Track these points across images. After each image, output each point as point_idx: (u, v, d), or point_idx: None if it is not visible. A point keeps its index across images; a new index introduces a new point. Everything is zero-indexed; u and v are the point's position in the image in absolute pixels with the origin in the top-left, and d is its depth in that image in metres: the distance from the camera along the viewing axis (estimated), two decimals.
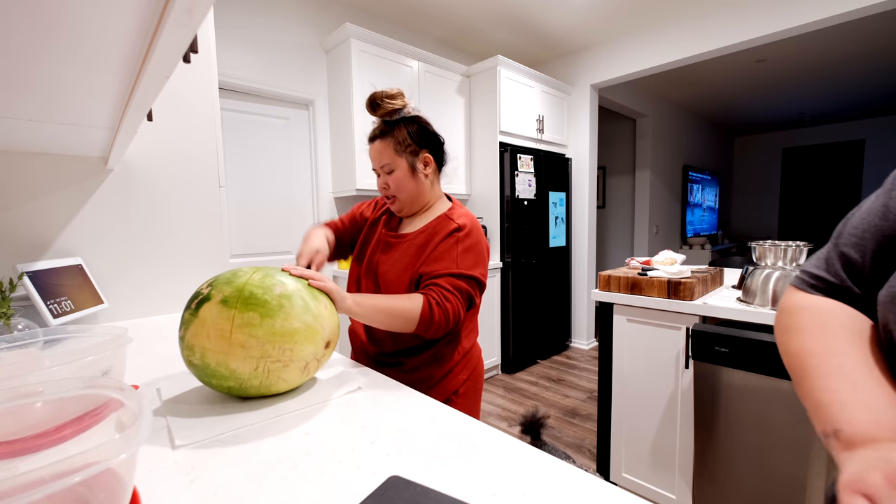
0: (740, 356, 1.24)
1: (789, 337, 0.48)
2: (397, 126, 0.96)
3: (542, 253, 3.45)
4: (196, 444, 0.57)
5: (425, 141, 0.98)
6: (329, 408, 0.68)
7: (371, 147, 0.98)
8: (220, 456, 0.54)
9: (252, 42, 2.38)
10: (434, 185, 1.03)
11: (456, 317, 0.87)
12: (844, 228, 0.50)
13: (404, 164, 0.96)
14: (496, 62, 3.02)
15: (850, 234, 0.48)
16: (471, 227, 0.96)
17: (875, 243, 0.45)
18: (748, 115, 6.08)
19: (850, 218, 0.50)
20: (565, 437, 2.28)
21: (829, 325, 0.45)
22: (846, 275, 0.48)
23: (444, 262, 0.90)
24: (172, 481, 0.49)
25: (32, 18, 0.42)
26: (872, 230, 0.45)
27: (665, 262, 1.70)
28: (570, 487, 0.47)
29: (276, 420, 0.64)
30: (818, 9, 2.46)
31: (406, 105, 0.96)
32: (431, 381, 0.96)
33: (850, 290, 0.47)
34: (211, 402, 0.70)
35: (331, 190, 2.76)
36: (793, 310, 0.51)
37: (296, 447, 0.56)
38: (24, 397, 0.42)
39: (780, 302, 0.55)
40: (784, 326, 0.51)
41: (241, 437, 0.59)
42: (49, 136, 0.99)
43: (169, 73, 0.56)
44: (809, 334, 0.46)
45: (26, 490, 0.25)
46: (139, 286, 1.39)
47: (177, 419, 0.64)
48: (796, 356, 0.46)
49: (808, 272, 0.52)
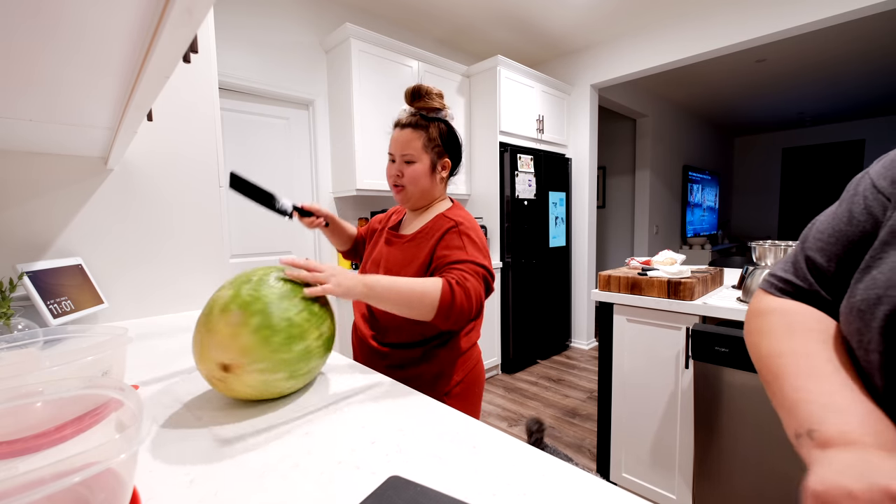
0: (740, 356, 1.24)
1: (759, 339, 0.48)
2: (433, 123, 0.97)
3: (542, 253, 3.45)
4: (197, 445, 0.57)
5: (451, 146, 1.01)
6: (329, 408, 0.68)
7: (399, 133, 0.98)
8: (220, 456, 0.54)
9: (252, 42, 2.38)
10: (443, 188, 1.06)
11: (479, 300, 0.83)
12: (810, 233, 0.50)
13: (427, 161, 0.98)
14: (496, 62, 3.02)
15: (816, 239, 0.48)
16: (469, 224, 0.96)
17: (840, 248, 0.45)
18: (748, 115, 6.08)
19: (816, 223, 0.50)
20: (565, 437, 2.28)
21: (798, 327, 0.45)
22: (813, 279, 0.48)
23: (455, 252, 0.89)
24: (172, 481, 0.49)
25: (33, 19, 0.42)
26: (837, 235, 0.45)
27: (665, 262, 1.70)
28: (570, 487, 0.47)
29: (276, 420, 0.64)
30: (818, 9, 2.46)
31: (445, 108, 0.99)
32: (422, 380, 0.94)
33: (817, 294, 0.47)
34: (219, 401, 0.70)
35: (331, 190, 2.76)
36: (762, 312, 0.50)
37: (296, 447, 0.56)
38: (24, 397, 0.42)
39: (750, 305, 0.54)
40: (754, 329, 0.50)
41: (241, 436, 0.59)
42: (49, 136, 0.99)
43: (169, 73, 0.56)
44: (779, 336, 0.46)
45: (26, 490, 0.25)
46: (139, 286, 1.38)
47: (191, 415, 0.64)
48: (767, 357, 0.46)
49: (776, 276, 0.52)
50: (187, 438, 0.58)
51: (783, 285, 0.51)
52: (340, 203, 2.80)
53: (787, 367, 0.42)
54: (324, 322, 0.73)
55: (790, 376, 0.41)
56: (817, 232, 0.48)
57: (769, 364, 0.45)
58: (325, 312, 0.75)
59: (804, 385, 0.40)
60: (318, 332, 0.71)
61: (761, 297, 0.53)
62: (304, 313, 0.69)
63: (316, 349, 0.70)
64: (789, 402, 0.40)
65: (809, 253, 0.48)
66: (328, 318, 0.76)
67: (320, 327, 0.72)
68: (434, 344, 0.97)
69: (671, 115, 5.29)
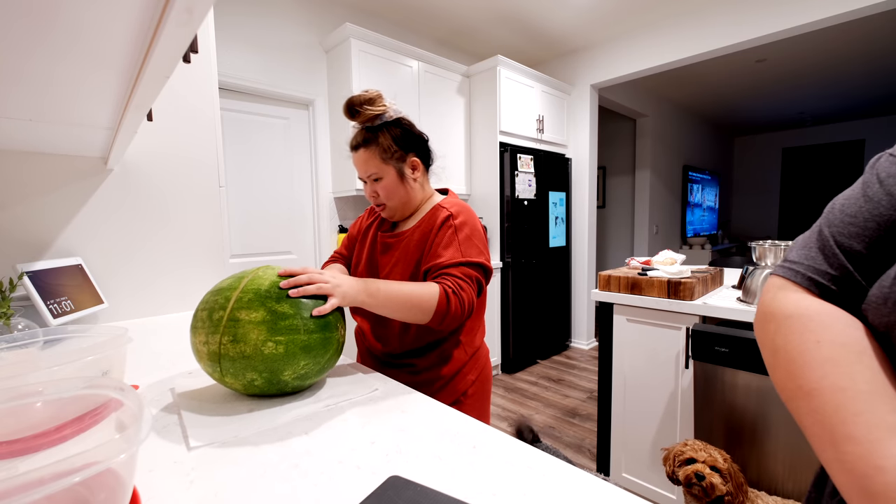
0: (740, 356, 1.24)
1: (815, 356, 0.39)
2: (381, 132, 0.91)
3: (542, 253, 3.45)
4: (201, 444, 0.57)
5: (411, 144, 0.95)
6: (329, 408, 0.68)
7: (355, 156, 0.94)
8: (220, 456, 0.54)
9: (252, 42, 2.38)
10: (424, 187, 1.01)
11: (471, 306, 0.85)
12: (833, 216, 0.44)
13: (392, 172, 0.93)
14: (496, 62, 3.02)
15: (847, 224, 0.42)
16: (465, 215, 0.93)
17: (873, 232, 0.40)
18: (748, 115, 6.08)
19: (837, 205, 0.45)
20: (565, 437, 2.28)
21: (854, 347, 0.38)
22: (850, 265, 0.42)
23: (450, 252, 0.88)
24: (172, 481, 0.49)
25: (33, 19, 0.42)
26: (874, 218, 0.40)
27: (665, 262, 1.70)
28: (570, 487, 0.47)
29: (276, 420, 0.64)
30: (818, 9, 2.46)
31: (387, 109, 0.92)
32: (440, 383, 0.94)
33: (851, 277, 0.42)
34: (220, 402, 0.70)
35: (331, 190, 2.76)
36: (810, 317, 0.41)
37: (296, 447, 0.56)
38: (24, 397, 0.42)
39: (775, 299, 0.45)
40: (803, 339, 0.40)
41: (241, 436, 0.59)
42: (49, 136, 0.99)
43: (169, 73, 0.56)
44: (839, 363, 0.37)
45: (26, 490, 0.25)
46: (139, 286, 1.38)
47: (191, 416, 0.65)
48: (828, 392, 0.37)
49: (807, 265, 0.45)
50: (221, 414, 0.59)
51: (817, 276, 0.43)
52: (340, 203, 2.80)
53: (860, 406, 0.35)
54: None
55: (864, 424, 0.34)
56: (845, 216, 0.43)
57: (834, 398, 0.36)
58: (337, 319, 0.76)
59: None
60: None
61: (794, 292, 0.44)
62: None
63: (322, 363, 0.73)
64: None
65: (840, 238, 0.43)
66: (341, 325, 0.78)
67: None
68: (448, 346, 0.96)
69: (671, 115, 5.29)
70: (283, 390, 0.70)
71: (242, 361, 0.64)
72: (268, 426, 0.62)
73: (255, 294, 0.68)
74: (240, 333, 0.64)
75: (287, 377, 0.68)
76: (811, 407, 0.37)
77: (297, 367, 0.68)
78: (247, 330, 0.64)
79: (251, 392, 0.69)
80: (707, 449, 1.13)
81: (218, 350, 0.65)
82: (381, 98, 0.92)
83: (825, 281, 0.43)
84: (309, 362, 0.69)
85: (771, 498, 1.14)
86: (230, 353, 0.64)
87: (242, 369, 0.65)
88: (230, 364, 0.65)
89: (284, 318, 0.67)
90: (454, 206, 0.95)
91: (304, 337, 0.67)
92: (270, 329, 0.65)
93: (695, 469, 1.09)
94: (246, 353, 0.64)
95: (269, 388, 0.68)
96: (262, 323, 0.65)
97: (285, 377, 0.67)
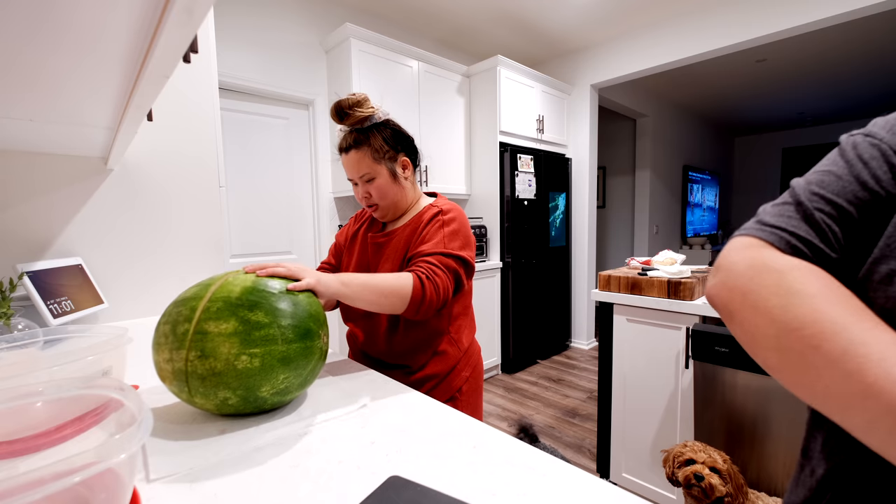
0: (740, 356, 1.24)
1: (801, 300, 0.36)
2: (371, 133, 0.93)
3: (542, 253, 3.45)
4: (197, 445, 0.57)
5: (401, 144, 0.97)
6: (329, 409, 0.68)
7: (345, 158, 0.96)
8: (221, 456, 0.54)
9: (252, 42, 2.38)
10: (414, 186, 1.03)
11: (446, 294, 0.85)
12: (810, 188, 0.42)
13: (385, 171, 0.95)
14: (496, 62, 3.02)
15: (825, 199, 0.40)
16: (455, 213, 0.96)
17: (852, 212, 0.39)
18: (748, 115, 6.08)
19: (813, 180, 0.43)
20: (565, 437, 2.28)
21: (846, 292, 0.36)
22: (833, 238, 0.40)
23: (432, 243, 0.90)
24: (172, 481, 0.49)
25: (33, 19, 0.42)
26: (850, 197, 0.39)
27: (665, 262, 1.70)
28: (570, 487, 0.47)
29: (276, 420, 0.64)
30: (818, 9, 2.46)
31: (375, 110, 0.94)
32: (435, 381, 0.96)
33: (823, 252, 0.40)
34: (188, 422, 0.67)
35: (331, 190, 2.76)
36: (787, 269, 0.39)
37: (295, 447, 0.56)
38: (24, 397, 0.42)
39: (745, 256, 0.42)
40: (783, 288, 0.38)
41: (241, 437, 0.59)
42: (49, 136, 0.99)
43: (169, 73, 0.56)
44: (834, 301, 0.35)
45: (26, 490, 0.25)
46: (139, 286, 1.39)
47: (155, 441, 0.58)
48: (826, 322, 0.34)
49: (787, 230, 0.42)
50: (187, 439, 0.58)
51: (797, 242, 0.41)
52: (340, 203, 2.79)
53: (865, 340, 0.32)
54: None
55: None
56: (822, 190, 0.41)
57: (833, 330, 0.34)
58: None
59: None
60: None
61: (767, 251, 0.41)
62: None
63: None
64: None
65: (821, 208, 0.40)
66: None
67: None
68: (440, 344, 0.97)
69: (671, 115, 5.29)
70: (262, 408, 0.64)
71: (213, 379, 0.58)
72: (267, 426, 0.61)
73: (224, 303, 0.61)
74: (208, 348, 0.58)
75: (265, 393, 0.61)
76: (812, 332, 0.34)
77: (276, 381, 0.61)
78: (216, 343, 0.58)
79: (225, 412, 0.62)
80: (706, 450, 1.13)
81: (185, 368, 0.58)
82: (367, 100, 0.94)
83: (805, 248, 0.41)
84: (289, 375, 0.62)
85: (771, 499, 1.14)
86: (198, 371, 0.58)
87: (213, 388, 0.58)
88: (199, 383, 0.58)
89: (259, 327, 0.60)
90: (445, 205, 0.98)
91: (282, 347, 0.61)
92: (243, 341, 0.59)
93: (694, 470, 1.09)
94: (216, 369, 0.57)
95: (245, 407, 0.62)
96: (234, 335, 0.58)
97: (263, 393, 0.61)
